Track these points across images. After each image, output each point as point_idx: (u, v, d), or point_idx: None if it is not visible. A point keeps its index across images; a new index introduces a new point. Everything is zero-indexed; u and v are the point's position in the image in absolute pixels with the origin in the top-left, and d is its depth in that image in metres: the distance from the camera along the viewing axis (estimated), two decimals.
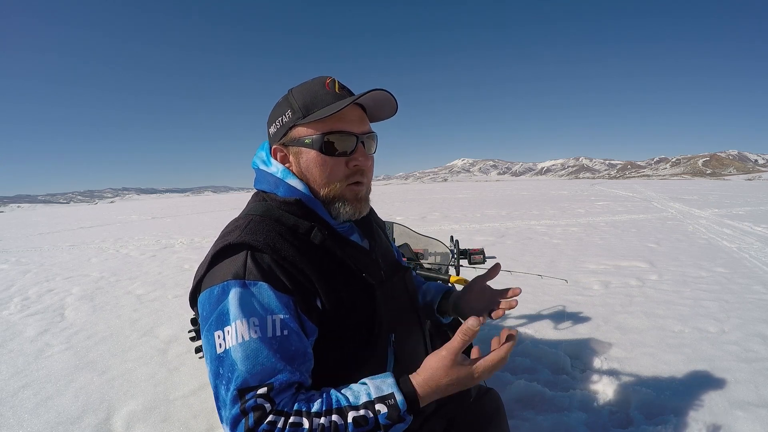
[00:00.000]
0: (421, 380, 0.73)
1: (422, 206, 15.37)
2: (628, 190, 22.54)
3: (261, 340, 0.71)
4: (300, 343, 0.75)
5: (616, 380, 2.14)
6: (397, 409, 0.69)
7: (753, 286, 3.64)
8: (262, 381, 0.69)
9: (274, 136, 0.90)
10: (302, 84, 0.89)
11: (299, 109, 0.85)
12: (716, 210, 10.18)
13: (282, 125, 0.87)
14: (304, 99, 0.85)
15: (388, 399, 0.70)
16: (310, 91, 0.86)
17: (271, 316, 0.73)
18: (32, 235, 12.49)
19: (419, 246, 2.33)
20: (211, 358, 0.73)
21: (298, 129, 0.86)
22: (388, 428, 0.69)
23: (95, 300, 4.26)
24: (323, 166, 0.85)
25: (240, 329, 0.71)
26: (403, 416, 0.70)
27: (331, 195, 0.87)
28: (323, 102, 0.84)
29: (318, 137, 0.84)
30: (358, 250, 0.90)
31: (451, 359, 0.72)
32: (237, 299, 0.73)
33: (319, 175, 0.86)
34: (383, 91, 0.83)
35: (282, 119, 0.87)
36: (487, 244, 6.29)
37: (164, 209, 26.14)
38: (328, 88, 0.86)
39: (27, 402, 2.22)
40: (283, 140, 0.88)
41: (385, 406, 0.69)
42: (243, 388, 0.68)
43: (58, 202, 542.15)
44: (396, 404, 0.70)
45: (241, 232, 0.80)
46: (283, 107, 0.88)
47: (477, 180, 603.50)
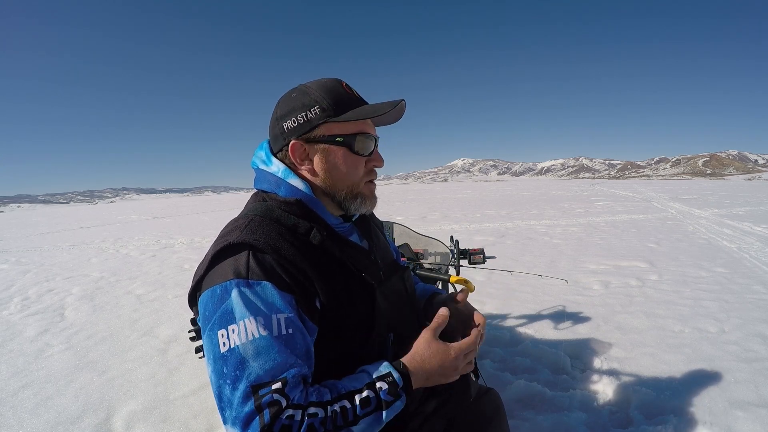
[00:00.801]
0: (409, 357, 0.81)
1: (422, 206, 15.37)
2: (628, 190, 22.55)
3: (270, 336, 0.71)
4: (304, 341, 0.75)
5: (616, 380, 2.14)
6: (396, 385, 0.76)
7: (753, 286, 3.64)
8: (274, 377, 0.69)
9: (293, 130, 0.87)
10: (318, 82, 0.89)
11: (330, 107, 0.86)
12: (716, 210, 10.18)
13: (307, 120, 0.86)
14: (333, 98, 0.86)
15: (387, 377, 0.77)
16: (334, 91, 0.87)
17: (276, 314, 0.73)
18: (32, 235, 12.49)
19: (419, 246, 2.33)
20: (213, 357, 0.73)
21: (330, 127, 0.86)
22: (389, 405, 0.74)
23: (95, 300, 4.26)
24: (350, 165, 0.88)
25: (249, 327, 0.71)
26: (400, 393, 0.76)
27: (354, 192, 0.90)
28: (350, 103, 0.87)
29: (350, 137, 0.87)
30: (358, 251, 0.91)
31: (430, 334, 0.83)
32: (241, 298, 0.73)
33: (345, 173, 0.89)
34: (404, 101, 0.88)
35: (307, 114, 0.86)
36: (487, 244, 6.29)
37: (164, 209, 26.14)
38: (347, 90, 0.89)
39: (27, 402, 2.22)
40: (307, 135, 0.87)
41: (385, 383, 0.76)
42: (257, 384, 0.68)
43: (58, 202, 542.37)
44: (394, 380, 0.76)
45: (242, 232, 0.81)
46: (307, 103, 0.87)
47: (477, 180, 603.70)
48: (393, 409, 0.75)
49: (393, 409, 0.75)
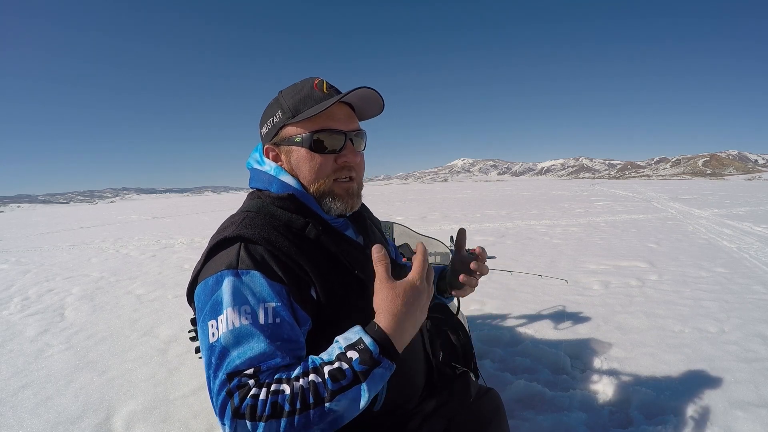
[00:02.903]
0: (381, 317, 0.73)
1: (422, 206, 15.37)
2: (628, 190, 22.54)
3: (253, 326, 0.71)
4: (292, 331, 0.75)
5: (616, 380, 2.14)
6: (368, 352, 0.68)
7: (753, 286, 3.64)
8: (251, 365, 0.69)
9: (266, 136, 0.93)
10: (292, 85, 0.92)
11: (289, 109, 0.88)
12: (716, 210, 10.18)
13: (273, 125, 0.91)
14: (294, 99, 0.89)
15: (358, 344, 0.69)
16: (299, 92, 0.89)
17: (263, 303, 0.74)
18: (32, 235, 12.48)
19: None
20: (204, 348, 0.73)
21: (288, 128, 0.89)
22: (366, 375, 0.67)
23: (95, 300, 4.26)
24: (312, 163, 0.88)
25: (231, 316, 0.71)
26: (378, 358, 0.68)
27: (321, 191, 0.90)
28: (311, 102, 0.88)
29: (307, 135, 0.87)
30: (353, 246, 0.91)
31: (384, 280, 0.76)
32: (230, 288, 0.74)
33: (308, 172, 0.89)
34: (368, 89, 0.86)
35: (273, 120, 0.91)
36: (487, 244, 6.29)
37: (164, 209, 26.13)
38: (316, 88, 0.89)
39: (27, 402, 2.22)
40: (275, 140, 0.92)
41: (356, 351, 0.69)
42: (232, 372, 0.68)
43: (58, 202, 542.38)
44: (366, 347, 0.69)
45: (237, 227, 0.83)
46: (274, 108, 0.91)
47: (477, 180, 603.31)
48: (374, 379, 0.68)
49: (374, 379, 0.68)
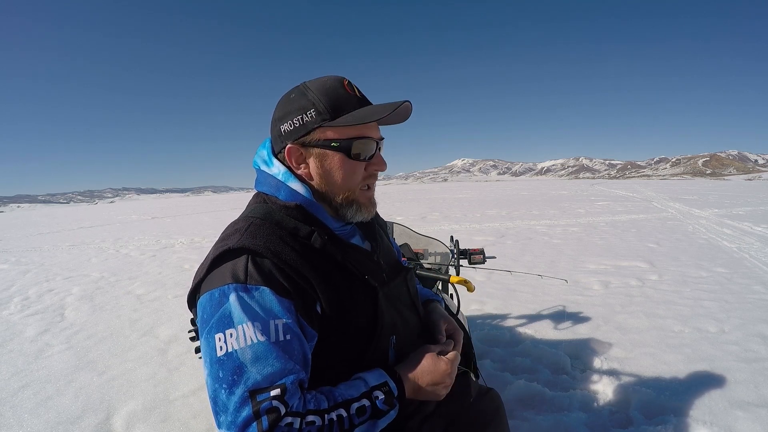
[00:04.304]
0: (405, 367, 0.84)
1: (422, 206, 15.37)
2: (628, 190, 22.55)
3: (268, 342, 0.71)
4: (301, 347, 0.74)
5: (616, 380, 2.14)
6: (391, 395, 0.78)
7: (753, 286, 3.64)
8: (273, 382, 0.69)
9: (290, 133, 0.85)
10: (319, 81, 0.85)
11: (326, 110, 0.82)
12: (716, 210, 10.19)
13: (302, 124, 0.83)
14: (330, 100, 0.82)
15: (383, 387, 0.78)
16: (333, 93, 0.83)
17: (274, 320, 0.73)
18: (32, 235, 12.49)
19: (419, 246, 2.33)
20: (210, 361, 0.72)
21: (325, 131, 0.83)
22: (383, 414, 0.76)
23: (95, 300, 4.26)
24: (346, 170, 0.85)
25: (248, 332, 0.70)
26: (395, 402, 0.78)
27: (350, 199, 0.87)
28: (349, 106, 0.83)
29: (347, 141, 0.83)
30: (360, 253, 0.90)
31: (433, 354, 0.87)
32: (239, 303, 0.72)
33: (341, 179, 0.85)
34: (408, 102, 0.84)
35: (303, 118, 0.83)
36: (487, 244, 6.29)
37: (164, 209, 26.13)
38: (348, 90, 0.84)
39: (27, 402, 2.22)
40: (304, 139, 0.84)
41: (381, 392, 0.77)
42: (254, 389, 0.68)
43: (58, 202, 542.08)
44: (390, 390, 0.78)
45: (241, 236, 0.79)
46: (304, 105, 0.83)
47: (477, 180, 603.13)
48: (387, 419, 0.77)
49: (387, 419, 0.77)
